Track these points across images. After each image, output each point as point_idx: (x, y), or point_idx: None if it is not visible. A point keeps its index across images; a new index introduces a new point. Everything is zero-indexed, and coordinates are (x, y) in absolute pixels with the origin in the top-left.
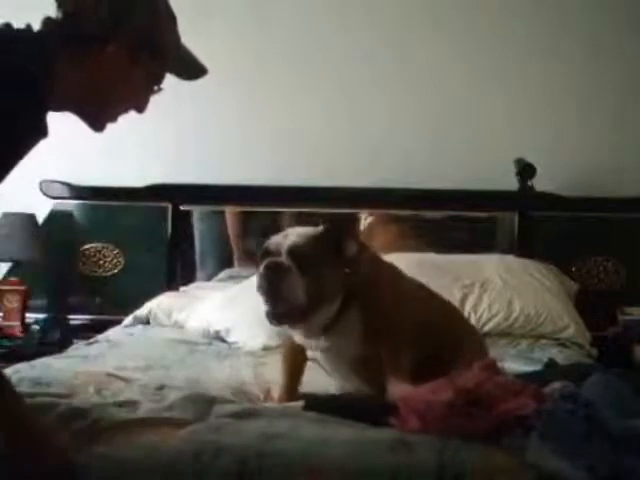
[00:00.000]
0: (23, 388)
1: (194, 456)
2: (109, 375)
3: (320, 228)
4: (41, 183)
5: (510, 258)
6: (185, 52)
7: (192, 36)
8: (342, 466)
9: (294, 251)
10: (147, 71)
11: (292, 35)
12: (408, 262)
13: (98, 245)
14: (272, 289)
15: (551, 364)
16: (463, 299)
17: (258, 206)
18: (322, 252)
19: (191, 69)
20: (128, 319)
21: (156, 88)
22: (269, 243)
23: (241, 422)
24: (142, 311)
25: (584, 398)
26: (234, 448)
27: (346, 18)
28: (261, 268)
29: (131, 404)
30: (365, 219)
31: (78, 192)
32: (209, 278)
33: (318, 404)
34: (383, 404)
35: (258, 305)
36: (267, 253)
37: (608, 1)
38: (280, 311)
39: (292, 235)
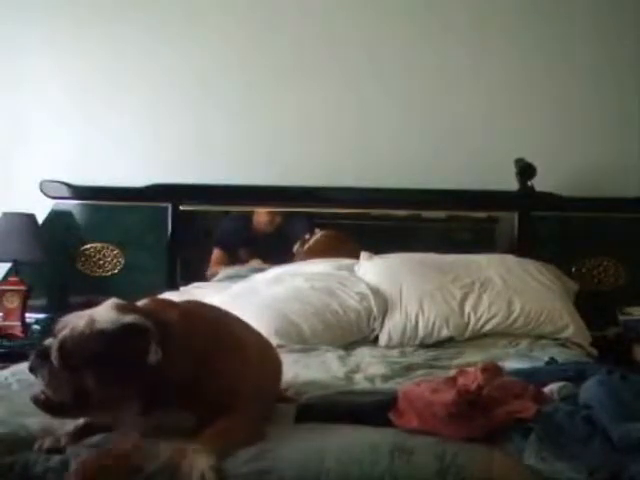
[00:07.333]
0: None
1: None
2: None
3: (123, 321)
4: (41, 183)
5: (510, 258)
6: None
7: (193, 33)
8: (341, 476)
9: (63, 346)
10: None
11: (296, 34)
12: (408, 262)
13: (98, 245)
14: (38, 376)
15: (552, 363)
16: (463, 299)
17: (258, 206)
18: (103, 352)
19: None
20: None
21: None
22: (61, 320)
23: None
24: None
25: (583, 400)
26: (228, 464)
27: (351, 18)
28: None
29: None
30: (307, 241)
31: (78, 192)
32: None
33: (312, 412)
34: (380, 402)
35: (257, 305)
36: (54, 331)
37: (612, 4)
38: (41, 398)
39: (78, 323)
